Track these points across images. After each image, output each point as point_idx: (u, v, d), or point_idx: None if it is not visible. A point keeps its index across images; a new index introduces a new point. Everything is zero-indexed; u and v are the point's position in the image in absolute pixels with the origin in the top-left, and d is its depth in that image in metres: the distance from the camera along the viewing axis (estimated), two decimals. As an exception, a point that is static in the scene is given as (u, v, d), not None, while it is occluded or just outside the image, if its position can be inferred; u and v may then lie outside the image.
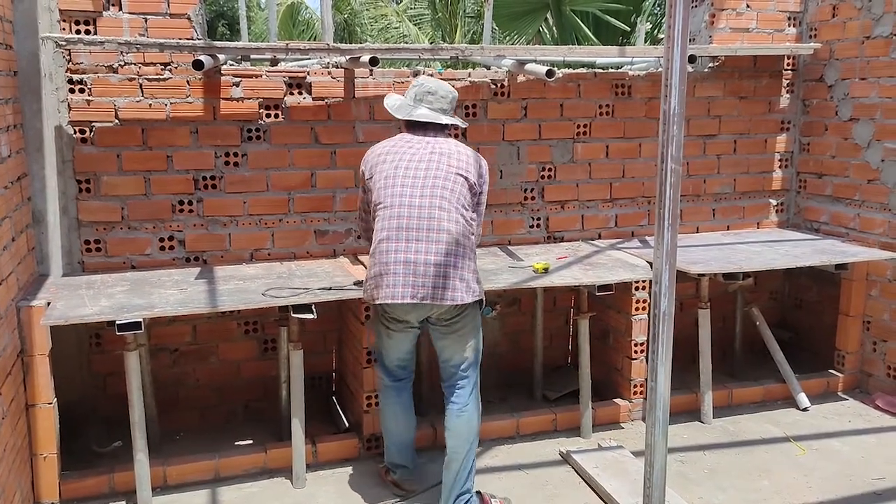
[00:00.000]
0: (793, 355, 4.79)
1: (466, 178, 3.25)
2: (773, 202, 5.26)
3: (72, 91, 3.78)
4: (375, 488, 3.62)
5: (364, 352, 3.79)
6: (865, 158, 4.74)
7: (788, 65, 5.11)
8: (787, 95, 5.15)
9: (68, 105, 3.79)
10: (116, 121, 3.87)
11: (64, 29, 3.70)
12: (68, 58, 3.75)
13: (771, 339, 4.76)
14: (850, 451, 4.00)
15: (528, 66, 4.28)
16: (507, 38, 10.08)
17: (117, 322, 3.15)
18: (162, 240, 4.04)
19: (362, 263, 4.15)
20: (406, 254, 3.13)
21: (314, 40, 16.88)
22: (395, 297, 3.13)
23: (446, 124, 3.39)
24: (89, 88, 3.80)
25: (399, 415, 3.50)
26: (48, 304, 3.33)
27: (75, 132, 3.82)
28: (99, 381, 4.06)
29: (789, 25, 5.07)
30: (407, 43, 15.79)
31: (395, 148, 3.32)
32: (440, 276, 3.12)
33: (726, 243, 4.76)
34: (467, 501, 3.27)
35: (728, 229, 5.17)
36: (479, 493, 3.39)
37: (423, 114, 3.34)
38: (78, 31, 3.71)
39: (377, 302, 3.20)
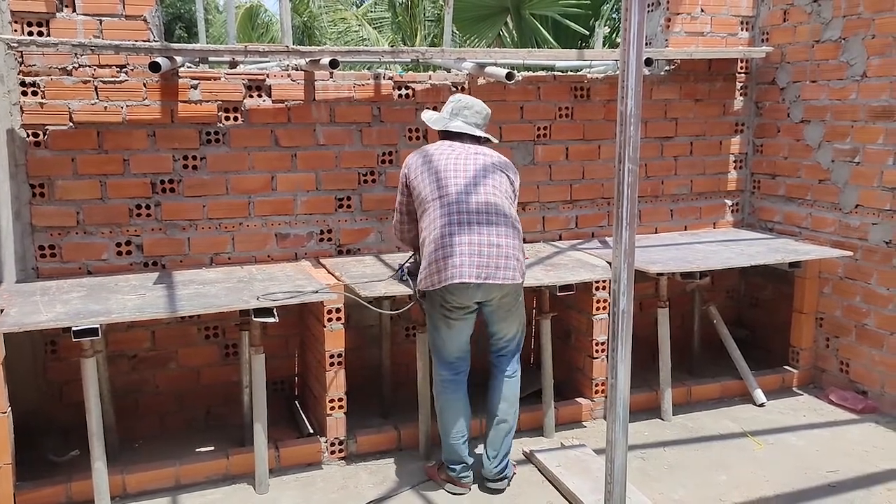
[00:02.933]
0: (749, 352, 4.89)
1: (507, 176, 3.53)
2: (729, 202, 5.37)
3: (24, 94, 3.70)
4: (339, 492, 3.61)
5: (327, 355, 3.77)
6: (816, 159, 4.86)
7: (742, 68, 5.22)
8: (741, 98, 5.26)
9: (21, 108, 3.71)
10: (71, 124, 3.80)
11: (16, 30, 3.63)
12: (21, 60, 3.68)
13: (728, 337, 4.85)
14: (806, 445, 4.09)
15: (489, 69, 4.31)
16: (468, 41, 10.11)
17: (73, 328, 3.09)
18: (119, 245, 3.97)
19: (324, 267, 4.13)
20: (470, 236, 3.32)
21: (273, 43, 16.73)
22: (463, 277, 3.28)
23: (479, 136, 3.62)
24: (43, 91, 3.73)
25: (461, 410, 3.59)
26: (1, 311, 3.25)
27: (28, 135, 3.74)
28: (55, 390, 3.98)
29: (742, 29, 5.18)
30: (367, 46, 15.73)
31: (438, 150, 3.54)
32: (502, 257, 3.34)
33: (684, 243, 4.84)
34: (508, 462, 3.62)
35: (685, 229, 5.26)
36: None
37: (458, 126, 3.59)
38: (30, 33, 3.64)
39: (443, 285, 3.31)
